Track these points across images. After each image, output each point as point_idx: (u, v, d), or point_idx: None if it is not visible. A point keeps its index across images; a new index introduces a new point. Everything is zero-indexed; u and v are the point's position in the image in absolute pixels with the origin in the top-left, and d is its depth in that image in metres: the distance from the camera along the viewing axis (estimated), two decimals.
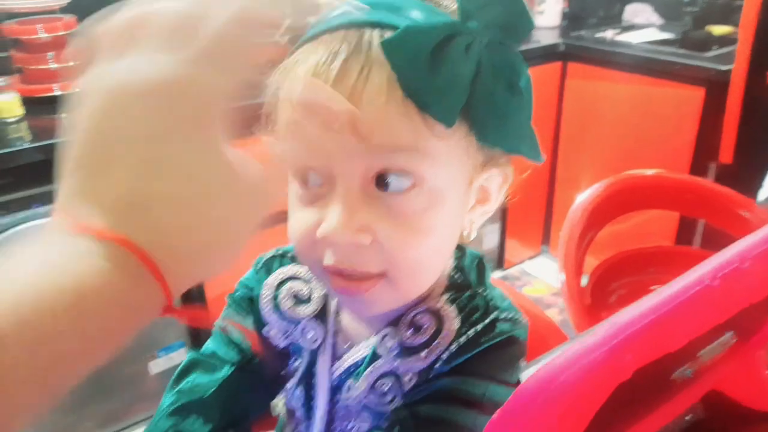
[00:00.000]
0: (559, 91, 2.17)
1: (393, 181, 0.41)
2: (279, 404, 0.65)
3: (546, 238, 2.46)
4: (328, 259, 0.44)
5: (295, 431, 0.61)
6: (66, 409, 1.61)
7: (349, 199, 0.42)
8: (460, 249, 0.55)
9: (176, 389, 0.53)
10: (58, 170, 0.28)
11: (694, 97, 1.82)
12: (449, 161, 0.43)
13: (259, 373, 0.56)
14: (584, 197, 1.22)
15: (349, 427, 0.55)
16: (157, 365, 1.67)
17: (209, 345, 0.57)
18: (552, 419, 0.29)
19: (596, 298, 1.25)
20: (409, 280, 0.46)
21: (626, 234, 1.67)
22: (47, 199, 1.37)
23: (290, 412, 0.61)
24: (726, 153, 1.75)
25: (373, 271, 0.44)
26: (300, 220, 0.45)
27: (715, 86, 1.75)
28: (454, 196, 0.45)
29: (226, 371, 0.54)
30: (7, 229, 1.33)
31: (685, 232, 1.89)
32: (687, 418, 0.57)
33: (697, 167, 1.85)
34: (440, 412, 0.45)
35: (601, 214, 1.23)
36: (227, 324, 0.58)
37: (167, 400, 0.53)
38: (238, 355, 0.56)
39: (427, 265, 0.46)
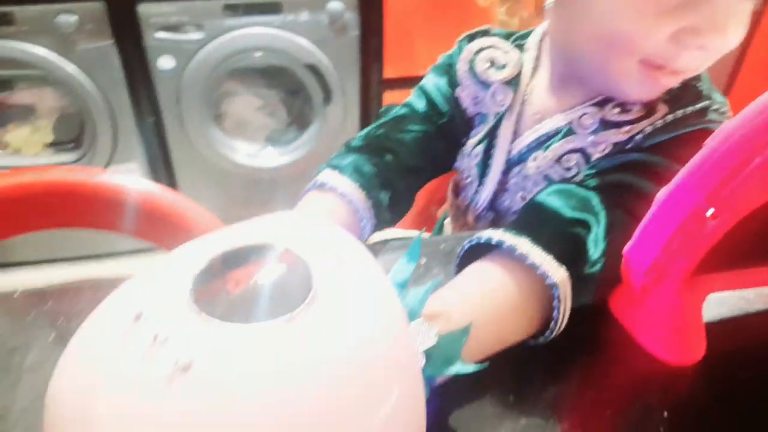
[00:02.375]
0: None
1: None
2: None
3: None
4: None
5: (463, 195, 0.65)
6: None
7: None
8: None
9: (378, 123, 0.60)
10: None
11: None
12: None
13: (447, 133, 0.61)
14: None
15: (519, 197, 0.58)
16: None
17: (408, 100, 0.62)
18: None
19: None
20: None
21: None
22: (268, 9, 1.49)
23: (462, 176, 0.65)
24: None
25: None
26: None
27: None
28: None
29: (419, 120, 0.60)
30: (232, 30, 1.49)
31: None
32: None
33: None
34: (630, 179, 0.45)
35: None
36: (425, 84, 0.62)
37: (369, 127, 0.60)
38: (431, 111, 0.60)
39: None
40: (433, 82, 0.62)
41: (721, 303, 0.47)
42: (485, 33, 0.60)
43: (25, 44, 1.40)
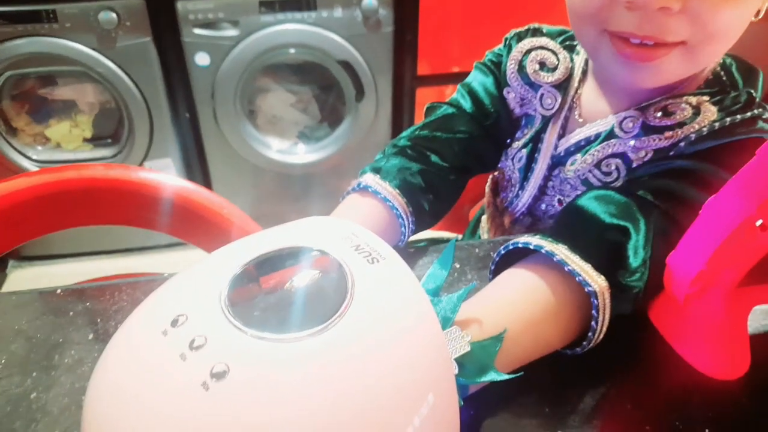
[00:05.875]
0: None
1: None
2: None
3: None
4: (626, 25, 0.42)
5: (503, 195, 0.64)
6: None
7: None
8: None
9: (424, 122, 0.59)
10: None
11: None
12: None
13: (493, 134, 0.60)
14: None
15: (557, 201, 0.57)
16: None
17: (454, 98, 0.61)
18: None
19: None
20: (709, 48, 0.43)
21: None
22: (302, 6, 1.50)
23: (504, 177, 0.64)
24: None
25: (671, 40, 0.42)
26: None
27: None
28: None
29: (465, 121, 0.58)
30: (267, 27, 1.50)
31: None
32: None
33: None
34: (673, 186, 0.44)
35: None
36: (471, 82, 0.61)
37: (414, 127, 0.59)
38: (477, 111, 0.59)
39: (729, 34, 0.43)
40: (479, 80, 0.61)
41: (766, 314, 0.45)
42: (535, 32, 0.59)
43: (67, 41, 1.43)
